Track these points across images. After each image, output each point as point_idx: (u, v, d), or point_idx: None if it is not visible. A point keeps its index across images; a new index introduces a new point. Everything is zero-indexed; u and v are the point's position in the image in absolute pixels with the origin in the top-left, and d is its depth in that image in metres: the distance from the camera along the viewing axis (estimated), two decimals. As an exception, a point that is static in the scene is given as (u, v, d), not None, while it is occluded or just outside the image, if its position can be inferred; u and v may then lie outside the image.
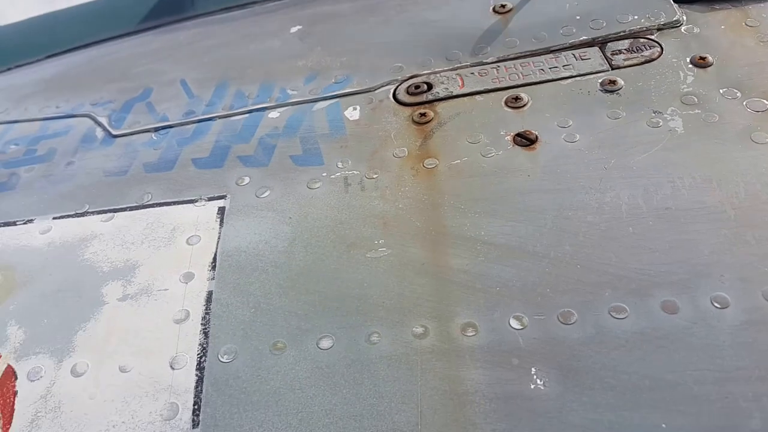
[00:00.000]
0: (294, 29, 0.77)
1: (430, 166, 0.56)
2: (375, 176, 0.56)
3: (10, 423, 0.46)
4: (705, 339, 0.42)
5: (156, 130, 0.67)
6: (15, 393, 0.48)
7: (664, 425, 0.39)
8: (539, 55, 0.65)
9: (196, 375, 0.46)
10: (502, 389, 0.42)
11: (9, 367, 0.49)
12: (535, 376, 0.42)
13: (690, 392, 0.40)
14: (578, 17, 0.67)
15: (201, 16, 0.88)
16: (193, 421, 0.44)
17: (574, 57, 0.64)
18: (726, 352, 0.41)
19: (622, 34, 0.65)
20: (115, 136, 0.68)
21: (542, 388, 0.41)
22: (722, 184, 0.49)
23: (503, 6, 0.70)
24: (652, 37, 0.64)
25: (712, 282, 0.44)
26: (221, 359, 0.47)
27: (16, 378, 0.48)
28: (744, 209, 0.48)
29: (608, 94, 0.59)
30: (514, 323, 0.44)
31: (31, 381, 0.48)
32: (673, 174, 0.50)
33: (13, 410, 0.47)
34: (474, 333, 0.44)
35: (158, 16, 0.95)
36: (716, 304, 0.43)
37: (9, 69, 0.96)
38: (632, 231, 0.47)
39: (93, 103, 0.74)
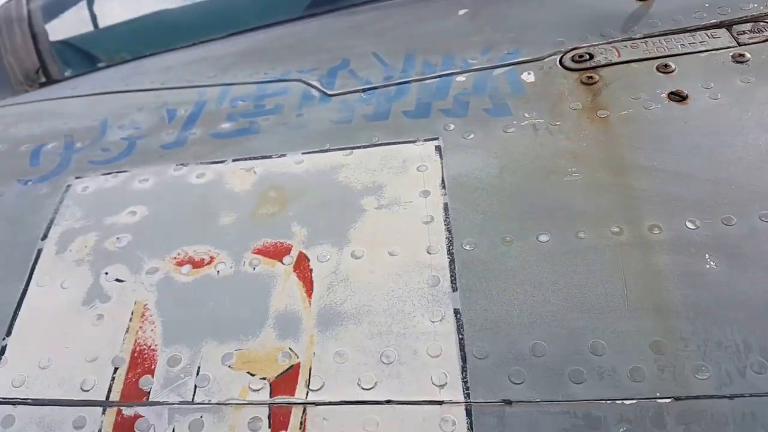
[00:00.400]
0: (462, 12, 0.94)
1: (602, 116, 0.72)
2: (558, 123, 0.73)
3: (311, 291, 0.64)
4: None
5: (363, 90, 0.85)
6: (311, 270, 0.65)
7: None
8: (678, 34, 0.81)
9: (448, 257, 0.63)
10: (684, 268, 0.58)
11: (301, 253, 0.66)
12: (708, 259, 0.58)
13: None
14: (707, 4, 0.83)
15: (370, 2, 1.05)
16: (452, 287, 0.61)
17: (707, 36, 0.80)
18: None
19: (745, 18, 0.81)
20: (330, 96, 0.85)
21: (714, 267, 0.58)
22: None
23: (645, -6, 0.86)
24: (771, 20, 0.80)
25: None
26: (465, 247, 0.63)
27: (308, 260, 0.66)
28: None
29: (738, 65, 0.75)
30: (689, 224, 0.61)
31: (321, 262, 0.65)
32: None
33: (311, 282, 0.64)
34: (659, 231, 0.61)
35: (321, 4, 1.13)
36: None
37: (194, 44, 1.15)
38: None
39: (299, 71, 0.92)
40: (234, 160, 0.77)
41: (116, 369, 0.60)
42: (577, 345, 0.56)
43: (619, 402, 0.52)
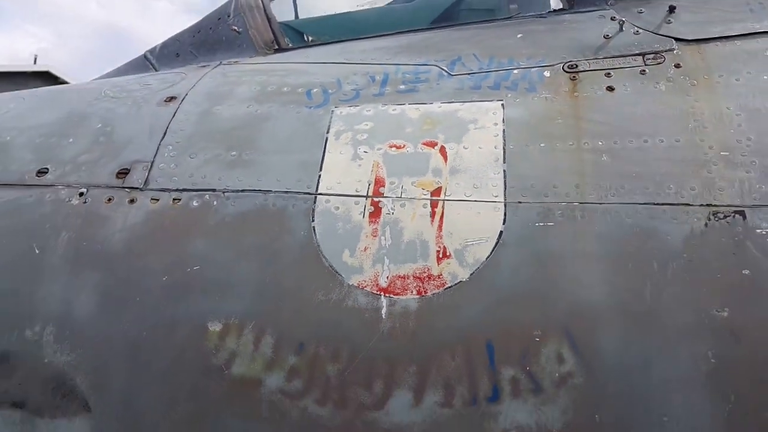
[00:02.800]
0: (519, 35, 1.82)
1: (575, 95, 1.61)
2: (554, 97, 1.62)
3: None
4: None
5: (468, 74, 1.74)
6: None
7: None
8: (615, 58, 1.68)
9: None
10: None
11: (442, 146, 1.59)
12: None
13: None
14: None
15: (468, 24, 1.94)
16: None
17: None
18: None
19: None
20: (453, 75, 1.75)
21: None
22: None
23: None
24: None
25: None
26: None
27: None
28: None
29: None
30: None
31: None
32: None
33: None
34: None
35: (440, 21, 2.02)
36: None
37: (370, 37, 2.03)
38: None
39: (435, 60, 1.81)
40: (409, 104, 1.68)
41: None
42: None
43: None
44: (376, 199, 1.46)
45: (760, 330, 1.25)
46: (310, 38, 2.22)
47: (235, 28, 2.20)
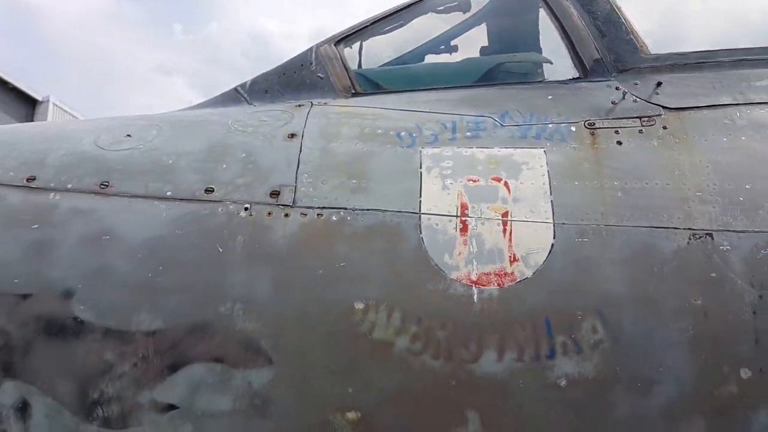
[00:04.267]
0: (549, 97, 2.47)
1: (588, 144, 2.27)
2: (578, 146, 2.27)
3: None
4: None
5: (515, 125, 2.38)
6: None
7: None
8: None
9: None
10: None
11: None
12: None
13: None
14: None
15: (509, 84, 2.58)
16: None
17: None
18: None
19: (650, 117, 2.35)
20: (504, 126, 2.38)
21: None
22: None
23: None
24: None
25: None
26: None
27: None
28: None
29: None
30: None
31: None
32: None
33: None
34: None
35: (483, 80, 2.66)
36: None
37: (429, 89, 2.65)
38: None
39: (489, 113, 2.43)
40: (476, 147, 2.29)
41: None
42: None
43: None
44: (463, 219, 2.08)
45: (721, 311, 1.94)
46: (379, 86, 2.81)
47: (320, 75, 2.77)
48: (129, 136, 2.34)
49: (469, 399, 1.91)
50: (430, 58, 3.23)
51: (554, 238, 2.03)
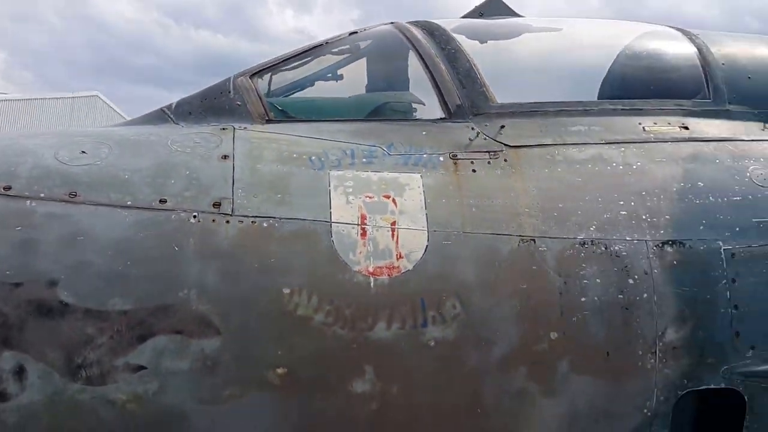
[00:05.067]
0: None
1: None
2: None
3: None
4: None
5: (399, 154, 3.13)
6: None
7: None
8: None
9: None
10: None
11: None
12: None
13: None
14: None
15: (392, 120, 3.33)
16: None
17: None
18: None
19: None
20: (391, 155, 3.12)
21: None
22: None
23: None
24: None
25: None
26: None
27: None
28: None
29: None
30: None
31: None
32: None
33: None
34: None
35: (372, 115, 3.39)
36: None
37: (331, 121, 3.33)
38: None
39: (379, 144, 3.16)
40: (371, 171, 3.01)
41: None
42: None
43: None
44: (363, 226, 2.79)
45: (538, 293, 2.80)
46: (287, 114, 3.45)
47: (238, 102, 3.36)
48: (84, 152, 2.82)
49: (366, 357, 2.63)
50: (320, 84, 3.92)
51: (428, 241, 2.80)
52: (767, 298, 2.87)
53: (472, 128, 3.24)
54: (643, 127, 3.30)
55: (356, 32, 3.84)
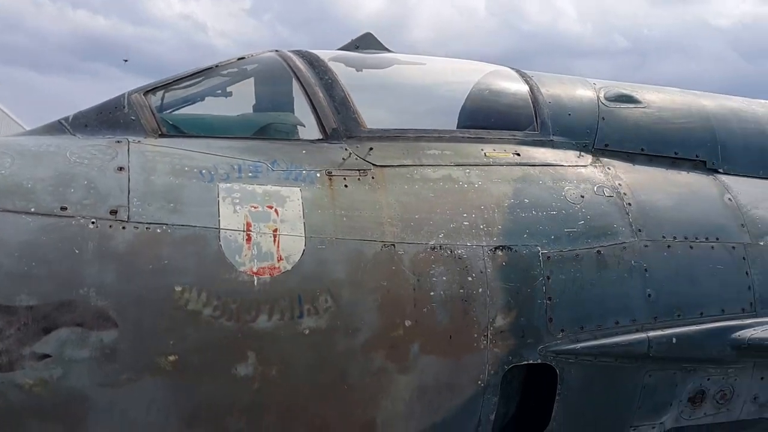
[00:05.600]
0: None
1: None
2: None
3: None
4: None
5: (282, 170, 3.60)
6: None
7: None
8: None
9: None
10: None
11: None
12: None
13: None
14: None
15: (258, 139, 3.79)
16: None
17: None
18: None
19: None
20: (275, 171, 3.58)
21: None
22: None
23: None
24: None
25: None
26: None
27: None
28: None
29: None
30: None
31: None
32: None
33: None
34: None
35: (257, 134, 3.84)
36: None
37: (221, 137, 3.73)
38: None
39: (264, 161, 3.60)
40: (256, 185, 3.44)
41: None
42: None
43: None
44: (248, 232, 3.24)
45: (396, 289, 3.38)
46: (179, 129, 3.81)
47: (133, 117, 3.69)
48: (-11, 163, 3.06)
49: (249, 344, 3.08)
50: (210, 100, 4.32)
51: (305, 246, 3.29)
52: (573, 291, 3.63)
53: (345, 149, 3.76)
54: (485, 153, 3.98)
55: (244, 57, 4.26)
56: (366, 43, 4.50)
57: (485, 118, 4.21)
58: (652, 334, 3.69)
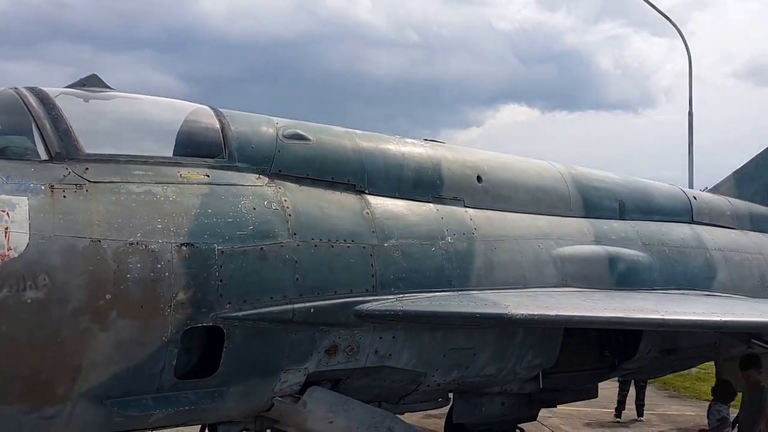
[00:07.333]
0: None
1: None
2: None
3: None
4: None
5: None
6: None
7: None
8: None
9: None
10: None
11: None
12: None
13: None
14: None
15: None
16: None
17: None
18: None
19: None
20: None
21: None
22: None
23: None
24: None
25: None
26: None
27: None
28: None
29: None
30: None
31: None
32: None
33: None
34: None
35: None
36: None
37: None
38: None
39: None
40: (-11, 194, 4.52)
41: None
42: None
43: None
44: (-18, 230, 4.37)
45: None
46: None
47: None
48: None
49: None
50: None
51: (29, 240, 4.50)
52: (240, 276, 5.09)
53: (66, 168, 4.96)
54: (180, 174, 5.43)
55: (-14, 92, 5.27)
56: (91, 83, 5.72)
57: (186, 147, 5.59)
58: (297, 305, 5.30)
